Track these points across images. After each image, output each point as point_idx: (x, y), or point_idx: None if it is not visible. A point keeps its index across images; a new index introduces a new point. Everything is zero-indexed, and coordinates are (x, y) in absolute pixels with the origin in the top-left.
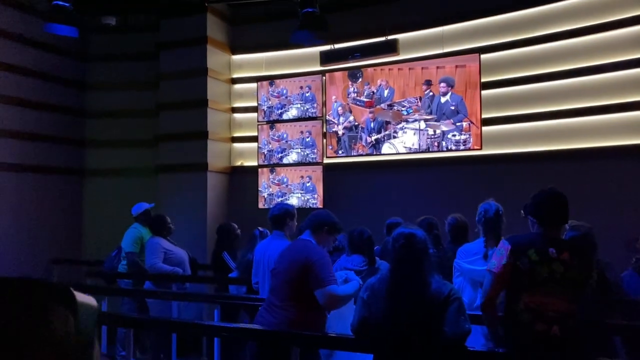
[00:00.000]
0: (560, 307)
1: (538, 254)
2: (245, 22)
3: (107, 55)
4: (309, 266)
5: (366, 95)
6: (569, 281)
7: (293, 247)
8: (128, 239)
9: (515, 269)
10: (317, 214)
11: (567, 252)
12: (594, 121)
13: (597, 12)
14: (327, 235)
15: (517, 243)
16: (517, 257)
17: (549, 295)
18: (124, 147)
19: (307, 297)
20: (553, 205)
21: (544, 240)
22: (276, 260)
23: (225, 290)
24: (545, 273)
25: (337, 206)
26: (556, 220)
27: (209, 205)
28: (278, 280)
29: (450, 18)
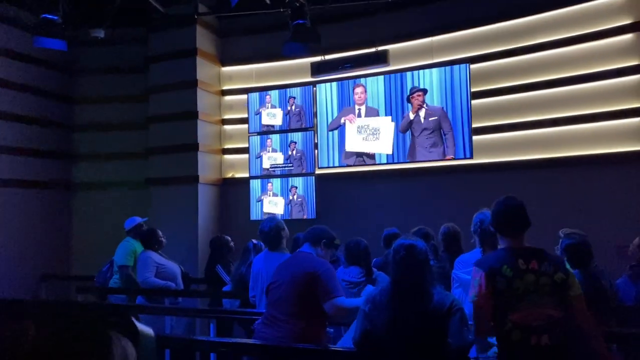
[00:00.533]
0: (544, 316)
1: (511, 269)
2: (234, 34)
3: (95, 69)
4: (316, 278)
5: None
6: (544, 288)
7: (295, 259)
8: (121, 252)
9: (496, 292)
10: (316, 227)
11: (534, 259)
12: (583, 129)
13: (583, 23)
14: (325, 248)
15: (489, 266)
16: (493, 280)
17: (530, 307)
18: (113, 161)
19: (311, 310)
20: (508, 213)
21: (510, 253)
22: (274, 272)
23: (219, 304)
24: (521, 286)
25: (330, 216)
26: (514, 229)
27: (200, 217)
28: (280, 293)
29: (438, 29)
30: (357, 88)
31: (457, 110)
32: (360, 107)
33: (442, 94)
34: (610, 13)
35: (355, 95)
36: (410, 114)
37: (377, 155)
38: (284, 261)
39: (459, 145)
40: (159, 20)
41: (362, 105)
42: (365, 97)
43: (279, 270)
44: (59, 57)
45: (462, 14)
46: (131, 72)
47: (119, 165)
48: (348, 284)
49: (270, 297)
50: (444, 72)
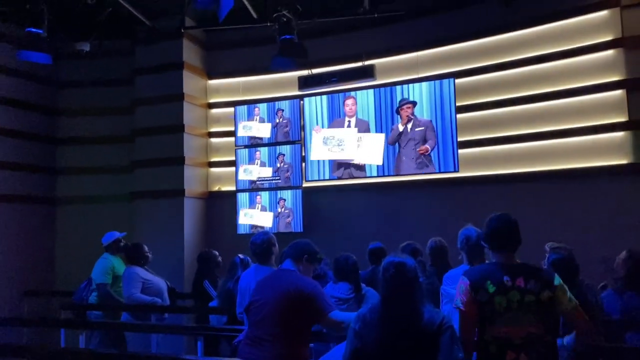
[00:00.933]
0: (524, 334)
1: (494, 285)
2: (221, 47)
3: (81, 81)
4: (306, 298)
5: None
6: (527, 306)
7: (277, 278)
8: (98, 269)
9: (477, 303)
10: (298, 242)
11: (521, 277)
12: (567, 143)
13: (566, 39)
14: (308, 264)
15: (474, 277)
16: (476, 292)
17: (511, 324)
18: (98, 174)
19: (297, 330)
20: (502, 230)
21: (498, 269)
22: (255, 290)
23: (206, 320)
24: (504, 303)
25: (317, 229)
26: (506, 245)
27: (186, 231)
28: (263, 313)
29: (424, 44)
30: (347, 100)
31: (447, 124)
32: (351, 119)
33: (430, 107)
34: (592, 30)
35: (345, 107)
36: (400, 125)
37: (367, 167)
38: (265, 279)
39: (444, 159)
40: (145, 33)
41: (352, 117)
42: (356, 110)
43: (260, 288)
44: (44, 70)
45: (447, 29)
46: (117, 85)
47: (104, 179)
48: (337, 300)
49: (253, 316)
50: (433, 86)
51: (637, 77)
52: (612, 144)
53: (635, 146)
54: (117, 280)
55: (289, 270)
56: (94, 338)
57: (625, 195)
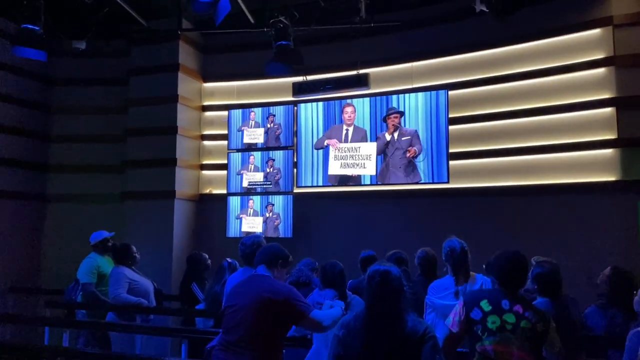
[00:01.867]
0: (512, 356)
1: (491, 304)
2: (217, 50)
3: (75, 80)
4: (281, 303)
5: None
6: (522, 330)
7: (252, 283)
8: (83, 269)
9: (469, 321)
10: (269, 247)
11: (520, 305)
12: (557, 158)
13: (559, 55)
14: (282, 268)
15: (470, 297)
16: (469, 309)
17: (502, 342)
18: (89, 173)
19: (272, 335)
20: (514, 270)
21: (499, 293)
22: (229, 296)
23: (192, 323)
24: (498, 322)
25: (306, 235)
26: (515, 284)
27: (175, 233)
28: (237, 319)
29: (418, 55)
30: (347, 107)
31: (439, 135)
32: (349, 127)
33: (424, 118)
34: (584, 47)
35: (345, 114)
36: (386, 134)
37: (362, 177)
38: (238, 284)
39: (435, 169)
40: (141, 34)
41: (350, 126)
42: (355, 117)
43: (233, 294)
44: (39, 67)
45: (442, 41)
46: (111, 85)
47: (95, 178)
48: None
49: (227, 322)
50: (428, 97)
51: (627, 96)
52: (601, 160)
53: (624, 163)
54: (103, 280)
55: (263, 276)
56: (81, 337)
57: (612, 211)
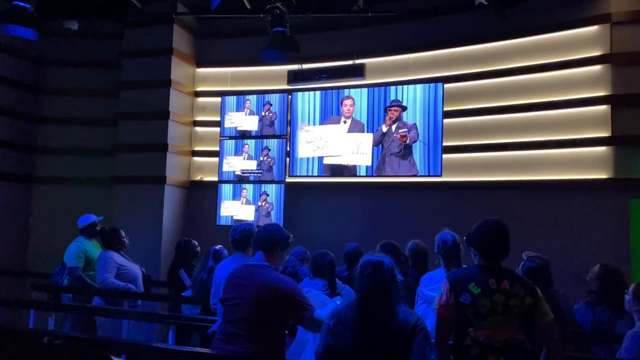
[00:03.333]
0: (505, 337)
1: (479, 286)
2: (212, 36)
3: (67, 61)
4: (285, 300)
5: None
6: (512, 309)
7: (253, 276)
8: (70, 253)
9: (459, 305)
10: (267, 232)
11: (507, 280)
12: (551, 154)
13: (555, 51)
14: (281, 252)
15: (455, 279)
16: (458, 293)
17: (494, 326)
18: (79, 156)
19: (275, 329)
20: (493, 237)
21: (483, 272)
22: (229, 287)
23: (179, 309)
24: (488, 305)
25: (297, 225)
26: (496, 253)
27: (164, 219)
28: (240, 313)
29: (415, 46)
30: (346, 100)
31: (434, 128)
32: (347, 120)
33: (420, 110)
34: (582, 44)
35: (344, 107)
36: (384, 126)
37: (357, 167)
38: (238, 275)
39: (429, 162)
40: (135, 16)
41: (349, 118)
42: (353, 110)
43: (233, 285)
44: (29, 46)
45: (439, 34)
46: (103, 67)
47: (85, 161)
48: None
49: (228, 314)
50: (427, 89)
51: (622, 94)
52: (595, 158)
53: (617, 161)
54: (90, 264)
55: (263, 266)
56: (66, 322)
57: (605, 209)
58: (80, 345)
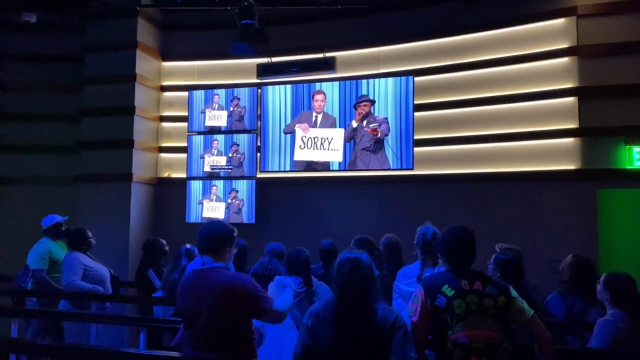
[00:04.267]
0: (485, 337)
1: (452, 288)
2: (177, 28)
3: (25, 55)
4: (243, 299)
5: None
6: (486, 309)
7: (205, 280)
8: (34, 255)
9: (435, 310)
10: (210, 231)
11: (478, 281)
12: (520, 146)
13: (524, 44)
14: (229, 248)
15: (428, 284)
16: (433, 297)
17: (472, 327)
18: (40, 154)
19: (241, 331)
20: (460, 244)
21: (455, 274)
22: (183, 297)
23: (149, 311)
24: (463, 306)
25: (269, 221)
26: (463, 259)
27: (132, 218)
28: (200, 323)
29: (385, 39)
30: (317, 95)
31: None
32: (318, 114)
33: (391, 104)
34: (549, 37)
35: (315, 102)
36: (354, 122)
37: (330, 163)
38: (193, 283)
39: (400, 156)
40: (97, 8)
41: (320, 113)
42: (325, 105)
43: (187, 294)
44: None
45: (409, 26)
46: (64, 61)
47: (47, 159)
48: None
49: (188, 325)
50: (398, 82)
51: (588, 86)
52: (563, 149)
53: (584, 153)
54: (55, 266)
55: (215, 269)
56: (30, 327)
57: (573, 200)
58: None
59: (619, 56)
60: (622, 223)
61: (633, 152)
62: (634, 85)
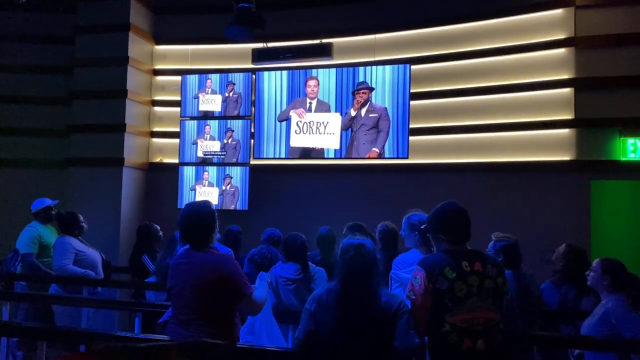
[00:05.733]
0: (484, 319)
1: (454, 270)
2: (171, 11)
3: (16, 35)
4: (225, 282)
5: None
6: (486, 291)
7: (192, 259)
8: (23, 239)
9: (436, 292)
10: (194, 221)
11: (478, 262)
12: (516, 136)
13: (520, 34)
14: (213, 233)
15: (429, 265)
16: (434, 280)
17: (472, 310)
18: (30, 136)
19: (223, 312)
20: (459, 219)
21: (455, 255)
22: (173, 274)
23: (142, 296)
24: (464, 289)
25: (263, 208)
26: (463, 237)
27: (123, 203)
28: (185, 298)
29: (382, 27)
30: (310, 81)
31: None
32: (312, 101)
33: (388, 92)
34: (547, 27)
35: (307, 87)
36: (352, 110)
37: (325, 150)
38: (181, 262)
39: (395, 145)
40: None
41: (314, 99)
42: (318, 91)
43: (176, 272)
44: None
45: (406, 14)
46: (55, 43)
47: (37, 142)
48: (286, 280)
49: (175, 301)
50: (395, 71)
51: (585, 77)
52: (558, 140)
53: (579, 143)
54: (45, 250)
55: (203, 250)
56: (20, 311)
57: (567, 190)
58: None
59: (616, 48)
60: (615, 214)
61: (627, 144)
62: (630, 77)
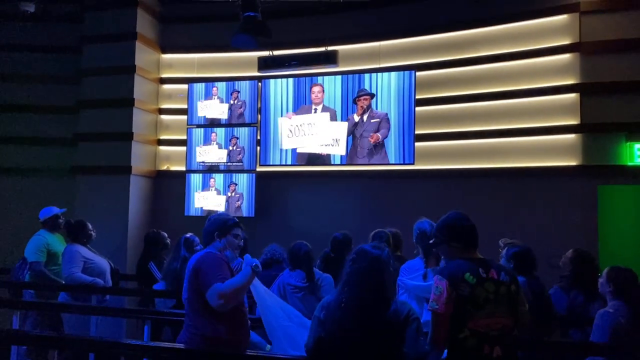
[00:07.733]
0: (500, 325)
1: (474, 276)
2: (177, 20)
3: (24, 45)
4: (196, 272)
5: None
6: (502, 297)
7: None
8: (31, 247)
9: (458, 299)
10: (207, 225)
11: (493, 269)
12: (521, 142)
13: (526, 40)
14: (221, 238)
15: (451, 273)
16: (457, 286)
17: (490, 316)
18: (38, 145)
19: (201, 307)
20: (470, 227)
21: (471, 263)
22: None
23: (150, 303)
24: (483, 294)
25: (269, 215)
26: (474, 243)
27: (131, 211)
28: (184, 297)
29: (388, 34)
30: (315, 87)
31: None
32: (317, 107)
33: (393, 98)
34: (552, 33)
35: (312, 94)
36: (355, 116)
37: (331, 157)
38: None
39: (401, 151)
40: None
41: (319, 105)
42: (323, 97)
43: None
44: None
45: (411, 20)
46: (62, 52)
47: (44, 150)
48: (293, 288)
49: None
50: (400, 77)
51: (590, 82)
52: (564, 145)
53: (585, 149)
54: (53, 258)
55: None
56: (28, 319)
57: (574, 195)
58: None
59: (621, 53)
60: (622, 219)
61: (634, 149)
62: (635, 82)
